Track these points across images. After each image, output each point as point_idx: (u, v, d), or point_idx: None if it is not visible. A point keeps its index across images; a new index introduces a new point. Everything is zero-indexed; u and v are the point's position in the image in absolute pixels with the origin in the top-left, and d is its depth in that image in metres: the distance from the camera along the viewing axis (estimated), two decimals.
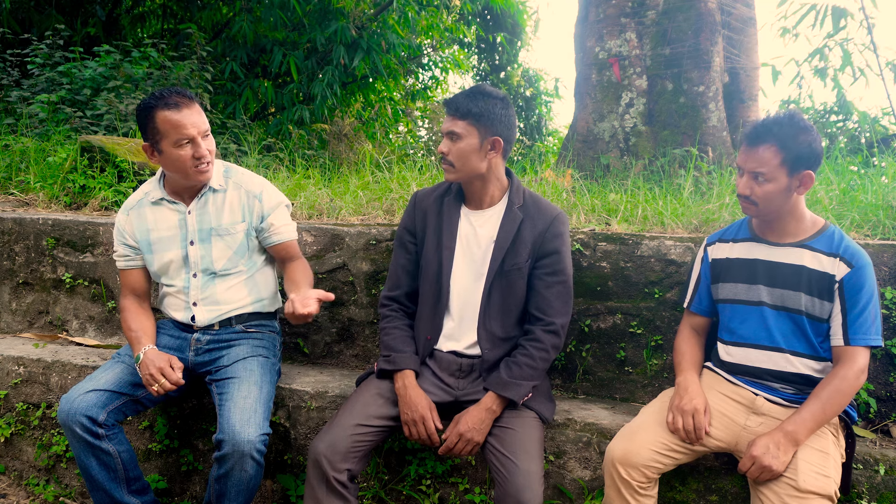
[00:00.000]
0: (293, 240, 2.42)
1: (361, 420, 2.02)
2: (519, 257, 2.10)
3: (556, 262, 2.11)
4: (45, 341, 2.99)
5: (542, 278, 2.11)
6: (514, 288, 2.12)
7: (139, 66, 5.37)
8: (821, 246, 1.92)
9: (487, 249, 2.14)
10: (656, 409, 2.06)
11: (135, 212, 2.36)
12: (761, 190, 1.88)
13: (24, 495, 2.68)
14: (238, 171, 2.39)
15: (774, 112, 2.01)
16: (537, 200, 2.18)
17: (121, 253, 2.38)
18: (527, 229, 2.11)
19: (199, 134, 2.17)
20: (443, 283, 2.15)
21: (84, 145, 3.69)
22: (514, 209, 2.13)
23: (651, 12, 4.62)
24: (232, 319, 2.36)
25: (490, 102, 2.06)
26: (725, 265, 2.07)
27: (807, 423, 1.82)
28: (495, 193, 2.18)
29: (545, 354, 2.07)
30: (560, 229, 2.13)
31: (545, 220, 2.12)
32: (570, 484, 2.23)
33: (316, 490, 1.94)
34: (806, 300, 1.92)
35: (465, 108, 2.05)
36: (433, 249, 2.18)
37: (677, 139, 4.44)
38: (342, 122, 8.63)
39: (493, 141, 2.07)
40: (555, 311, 2.09)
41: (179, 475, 2.58)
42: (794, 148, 1.85)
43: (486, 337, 2.12)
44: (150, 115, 2.14)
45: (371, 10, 7.58)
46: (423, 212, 2.24)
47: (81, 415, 2.07)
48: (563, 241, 2.14)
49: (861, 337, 1.86)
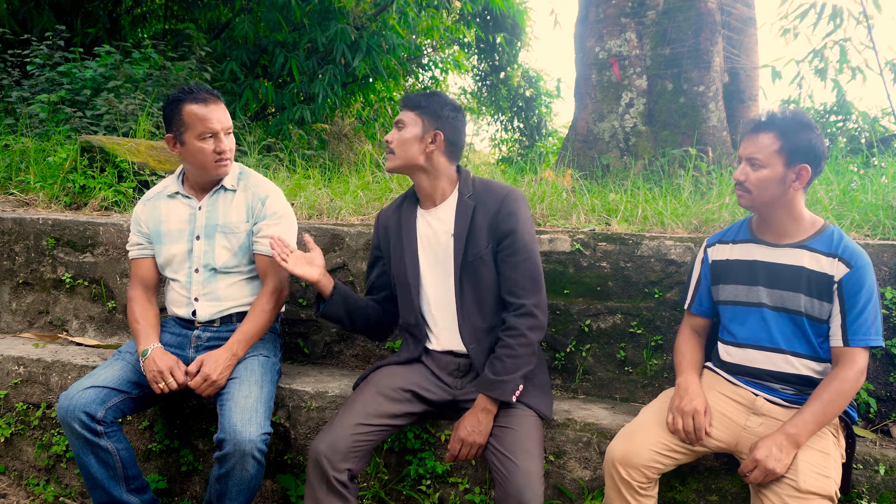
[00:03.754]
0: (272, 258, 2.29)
1: (362, 419, 2.02)
2: (478, 245, 2.10)
3: (514, 241, 2.07)
4: (45, 341, 2.99)
5: (505, 260, 2.09)
6: (482, 277, 2.11)
7: (139, 67, 5.37)
8: (819, 246, 1.92)
9: (448, 244, 2.14)
10: (656, 409, 2.06)
11: (151, 203, 2.42)
12: (756, 176, 1.88)
13: (24, 495, 2.68)
14: (252, 174, 2.44)
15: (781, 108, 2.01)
16: (487, 184, 2.17)
17: (134, 242, 2.43)
18: (480, 215, 2.11)
19: (222, 130, 2.25)
20: (412, 288, 2.17)
21: (84, 145, 3.69)
22: (465, 199, 2.14)
23: (651, 12, 4.62)
24: (233, 317, 2.37)
25: (440, 102, 2.14)
26: (726, 267, 2.07)
27: (808, 425, 1.82)
28: (445, 188, 2.19)
29: (524, 340, 2.02)
30: (512, 207, 2.09)
31: (496, 201, 2.11)
32: (570, 484, 2.23)
33: (316, 490, 1.94)
34: (805, 301, 1.91)
35: (415, 101, 2.15)
36: (398, 258, 2.21)
37: (677, 139, 4.44)
38: (342, 123, 8.63)
39: (435, 134, 2.12)
40: (524, 292, 2.06)
41: (179, 475, 2.58)
42: (793, 139, 1.85)
43: (470, 332, 2.12)
44: (178, 108, 2.22)
45: (371, 10, 7.58)
46: (384, 227, 2.29)
47: (80, 411, 2.08)
48: (519, 219, 2.09)
49: (860, 338, 1.85)
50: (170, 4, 8.24)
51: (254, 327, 2.29)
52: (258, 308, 2.32)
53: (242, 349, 2.27)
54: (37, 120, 4.75)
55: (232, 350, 2.24)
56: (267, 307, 2.32)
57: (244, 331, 2.28)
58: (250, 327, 2.29)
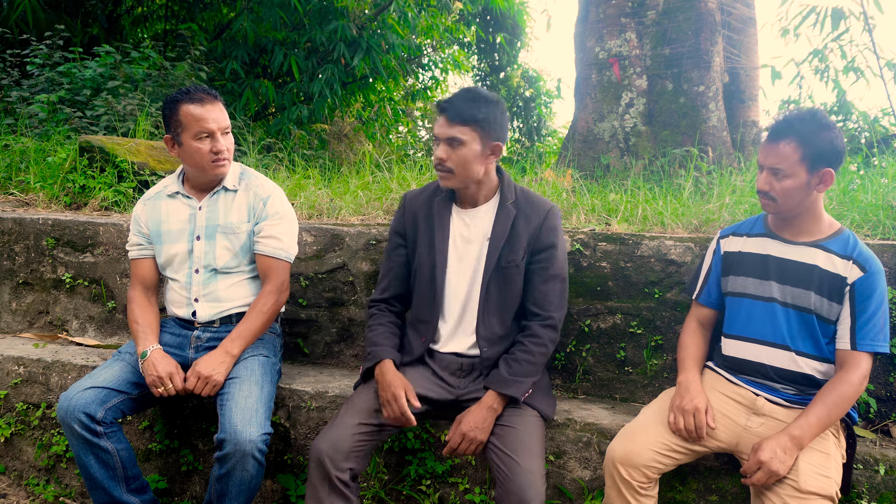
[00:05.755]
0: (277, 258, 2.34)
1: (363, 419, 2.01)
2: (515, 253, 2.09)
3: (552, 256, 2.10)
4: (45, 341, 2.99)
5: (538, 273, 2.10)
6: (510, 284, 2.11)
7: (139, 67, 5.37)
8: (835, 248, 1.92)
9: (482, 247, 2.13)
10: (657, 409, 2.06)
11: (151, 203, 2.42)
12: (780, 186, 1.87)
13: (24, 495, 2.68)
14: (253, 174, 2.43)
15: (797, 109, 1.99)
16: (529, 195, 2.16)
17: (134, 242, 2.43)
18: (521, 224, 2.10)
19: (218, 129, 2.24)
20: (437, 284, 2.15)
21: (84, 145, 3.69)
22: (507, 205, 2.12)
23: (651, 12, 4.62)
24: (233, 317, 2.37)
25: (491, 107, 2.02)
26: (737, 258, 2.06)
27: (812, 427, 1.82)
28: (488, 192, 2.17)
29: (544, 349, 2.07)
30: (554, 223, 2.12)
31: (539, 214, 2.11)
32: (570, 484, 2.23)
33: (318, 490, 1.93)
34: (815, 299, 1.91)
35: (468, 113, 1.98)
36: (426, 251, 2.17)
37: (677, 139, 4.44)
38: (342, 122, 8.63)
39: (495, 146, 2.06)
40: (552, 306, 2.09)
41: (179, 475, 2.58)
42: (814, 144, 1.83)
43: (486, 335, 2.12)
44: (175, 108, 2.22)
45: (371, 10, 7.58)
46: (413, 214, 2.22)
47: (80, 411, 2.08)
48: (558, 235, 2.13)
49: (868, 343, 1.86)
50: (170, 5, 8.24)
51: (250, 326, 2.28)
52: (257, 308, 2.31)
53: (238, 348, 2.24)
54: (36, 120, 4.75)
55: (225, 348, 2.22)
56: (265, 308, 2.31)
57: (240, 330, 2.27)
58: (246, 327, 2.27)
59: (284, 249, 2.36)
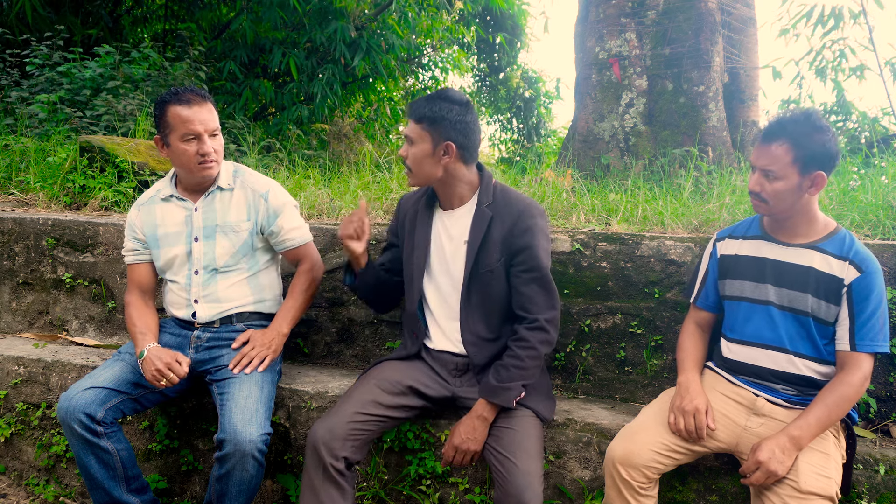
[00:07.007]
0: (305, 243, 2.45)
1: (359, 408, 2.02)
2: (490, 258, 2.06)
3: (528, 257, 2.04)
4: (45, 341, 2.99)
5: (518, 276, 2.06)
6: (490, 290, 2.09)
7: (138, 67, 5.37)
8: (831, 248, 1.91)
9: (460, 251, 2.12)
10: (657, 409, 2.06)
11: (145, 208, 2.41)
12: (771, 188, 1.87)
13: (24, 495, 2.68)
14: (247, 171, 2.43)
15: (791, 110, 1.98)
16: (507, 195, 2.10)
17: (129, 247, 2.42)
18: (496, 228, 2.06)
19: (206, 132, 2.22)
20: (415, 285, 2.17)
21: (84, 145, 3.69)
22: (483, 208, 2.08)
23: (651, 12, 4.62)
24: (233, 317, 2.37)
25: (446, 107, 2.00)
26: (733, 262, 2.06)
27: (812, 428, 1.82)
28: (464, 194, 2.14)
29: (533, 353, 2.02)
30: (528, 223, 2.04)
31: (512, 215, 2.05)
32: (570, 484, 2.23)
33: (312, 477, 1.94)
34: (812, 302, 1.90)
35: (420, 111, 2.02)
36: (410, 250, 2.20)
37: (677, 139, 4.44)
38: (342, 122, 8.63)
39: (446, 146, 2.02)
40: (537, 307, 2.04)
41: (179, 475, 2.58)
42: (807, 146, 1.82)
43: (471, 339, 2.12)
44: (164, 109, 2.22)
45: (371, 10, 7.57)
46: (404, 215, 2.27)
47: (80, 412, 2.08)
48: (534, 234, 2.04)
49: (868, 343, 1.85)
50: (170, 5, 8.24)
51: (295, 304, 2.39)
52: (296, 289, 2.40)
53: (287, 326, 2.36)
54: (36, 120, 4.75)
55: (277, 327, 2.33)
56: (303, 286, 2.41)
57: (288, 307, 2.38)
58: (292, 304, 2.39)
59: (306, 232, 2.45)
